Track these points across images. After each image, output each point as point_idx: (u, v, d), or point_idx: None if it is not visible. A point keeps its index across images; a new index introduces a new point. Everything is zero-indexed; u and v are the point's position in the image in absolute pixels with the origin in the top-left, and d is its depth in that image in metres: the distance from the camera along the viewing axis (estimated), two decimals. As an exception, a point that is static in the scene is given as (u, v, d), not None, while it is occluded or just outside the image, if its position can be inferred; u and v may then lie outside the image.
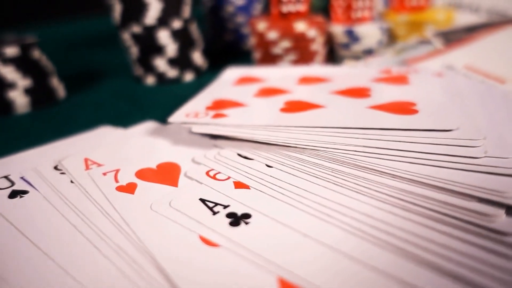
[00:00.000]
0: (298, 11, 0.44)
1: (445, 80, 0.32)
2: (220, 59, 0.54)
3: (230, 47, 0.56)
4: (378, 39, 0.46)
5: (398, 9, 0.49)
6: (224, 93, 0.34)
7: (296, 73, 0.37)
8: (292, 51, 0.43)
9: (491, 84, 0.31)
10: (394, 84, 0.32)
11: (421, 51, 0.39)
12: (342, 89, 0.32)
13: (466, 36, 0.39)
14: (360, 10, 0.47)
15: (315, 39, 0.44)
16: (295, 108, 0.29)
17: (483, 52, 0.35)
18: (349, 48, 0.47)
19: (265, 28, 0.43)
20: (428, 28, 0.41)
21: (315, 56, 0.45)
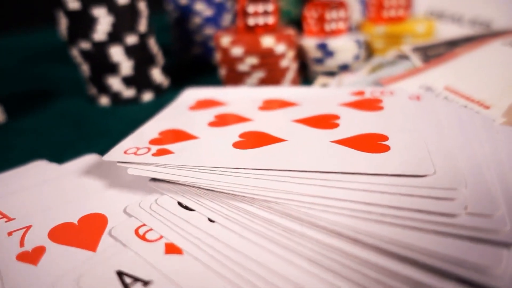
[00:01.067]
0: (266, 24, 0.41)
1: (422, 106, 0.28)
2: (186, 74, 0.50)
3: (198, 61, 0.52)
4: (354, 53, 0.43)
5: (375, 20, 0.46)
6: (176, 121, 0.30)
7: (261, 95, 0.34)
8: (260, 68, 0.39)
9: (474, 110, 0.27)
10: (366, 111, 0.28)
11: (399, 68, 0.36)
12: (307, 117, 0.28)
13: (446, 51, 0.36)
14: (334, 22, 0.43)
15: (285, 55, 0.40)
16: (250, 143, 0.25)
17: (465, 71, 0.32)
18: (322, 63, 0.43)
19: (229, 43, 0.39)
20: (405, 44, 0.38)
21: (286, 72, 0.41)
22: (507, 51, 0.33)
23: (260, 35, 0.39)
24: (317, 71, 0.44)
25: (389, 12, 0.45)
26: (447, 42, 0.37)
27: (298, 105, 0.31)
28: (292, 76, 0.42)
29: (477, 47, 0.34)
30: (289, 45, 0.40)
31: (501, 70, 0.31)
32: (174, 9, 0.50)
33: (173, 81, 0.47)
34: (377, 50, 0.46)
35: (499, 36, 0.35)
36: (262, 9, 0.40)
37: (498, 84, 0.29)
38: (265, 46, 0.39)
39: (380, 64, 0.41)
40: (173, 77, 0.48)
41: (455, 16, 0.50)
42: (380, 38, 0.45)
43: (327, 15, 0.43)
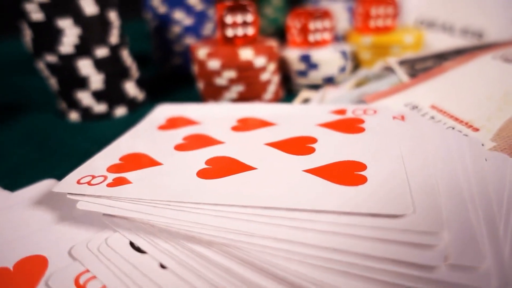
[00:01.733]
0: (246, 35, 0.38)
1: (407, 127, 0.26)
2: (166, 86, 0.47)
3: (179, 72, 0.50)
4: (339, 66, 0.41)
5: (362, 30, 0.44)
6: (141, 144, 0.28)
7: (236, 113, 0.31)
8: (239, 81, 0.37)
9: (462, 132, 0.25)
10: (345, 133, 0.26)
11: (384, 82, 0.34)
12: (282, 140, 0.26)
13: (435, 65, 0.34)
14: (318, 32, 0.41)
15: (265, 68, 0.38)
16: (216, 171, 0.23)
17: (453, 88, 0.30)
18: (306, 75, 0.41)
19: (206, 56, 0.37)
20: (392, 56, 0.36)
21: (267, 86, 0.39)
22: (497, 66, 0.31)
23: (239, 47, 0.37)
24: (301, 84, 0.42)
25: (376, 21, 0.43)
26: (436, 55, 0.35)
27: (275, 125, 0.29)
28: (274, 89, 0.40)
29: (467, 61, 0.32)
30: (270, 58, 0.38)
31: (491, 87, 0.29)
32: (152, 17, 0.48)
33: (151, 94, 0.44)
34: (364, 61, 0.44)
35: (490, 49, 0.33)
36: (241, 20, 0.38)
37: (488, 103, 0.27)
38: (244, 59, 0.36)
39: (366, 77, 0.39)
40: (151, 90, 0.46)
41: (446, 25, 0.48)
42: (367, 49, 0.43)
43: (311, 25, 0.40)
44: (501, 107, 0.27)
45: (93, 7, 0.35)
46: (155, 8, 0.47)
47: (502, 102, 0.27)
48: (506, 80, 0.29)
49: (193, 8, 0.46)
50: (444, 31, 0.48)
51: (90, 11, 0.35)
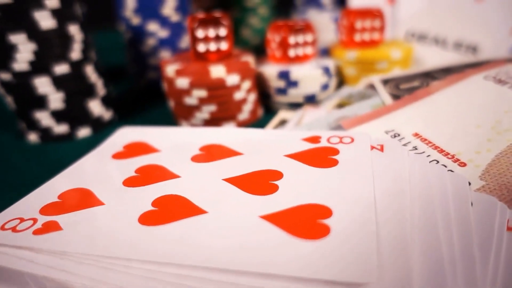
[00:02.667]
0: (219, 50, 0.36)
1: (385, 160, 0.23)
2: (139, 103, 0.45)
3: (154, 87, 0.47)
4: (321, 83, 0.38)
5: (346, 44, 0.41)
6: (88, 176, 0.25)
7: (202, 139, 0.28)
8: (210, 101, 0.34)
9: (447, 167, 0.22)
10: (315, 166, 0.23)
11: (366, 104, 0.31)
12: (244, 175, 0.23)
13: (421, 85, 0.31)
14: (299, 47, 0.38)
15: (239, 86, 0.35)
16: (162, 215, 0.20)
17: (438, 114, 0.27)
18: (286, 93, 0.38)
19: (174, 73, 0.34)
20: (376, 74, 0.33)
21: (242, 105, 0.36)
22: (490, 88, 0.28)
23: (210, 64, 0.34)
24: (281, 102, 0.39)
25: (362, 35, 0.40)
26: (423, 73, 0.32)
27: (240, 154, 0.26)
28: (250, 109, 0.37)
29: (456, 82, 0.29)
30: (245, 75, 0.35)
31: (481, 113, 0.26)
32: (126, 29, 0.45)
33: (122, 112, 0.42)
34: (349, 77, 0.41)
35: (483, 68, 0.31)
36: (213, 34, 0.35)
37: (477, 133, 0.24)
38: (215, 76, 0.34)
39: (349, 96, 0.36)
40: (123, 107, 0.43)
41: (439, 38, 0.46)
42: (351, 64, 0.40)
43: (291, 39, 0.38)
44: (491, 137, 0.24)
45: (50, 21, 0.32)
46: (128, 19, 0.44)
47: (493, 131, 0.24)
48: (498, 106, 0.26)
49: (168, 20, 0.44)
50: (437, 44, 0.45)
51: (47, 25, 0.32)
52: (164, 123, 0.39)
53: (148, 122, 0.39)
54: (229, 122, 0.36)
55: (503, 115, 0.25)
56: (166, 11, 0.43)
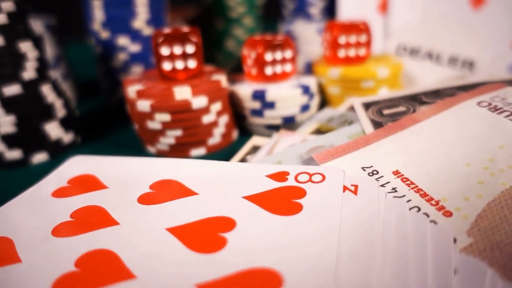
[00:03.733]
0: (187, 68, 0.32)
1: (358, 206, 0.20)
2: (107, 122, 0.41)
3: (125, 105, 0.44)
4: (301, 103, 0.35)
5: (330, 61, 0.38)
6: (16, 221, 0.21)
7: (156, 173, 0.25)
8: (175, 126, 0.31)
9: (429, 217, 0.19)
10: (276, 213, 0.20)
11: (345, 132, 0.27)
12: (192, 223, 0.20)
13: (407, 111, 0.27)
14: (278, 64, 0.35)
15: (208, 108, 0.32)
16: (84, 279, 0.17)
17: (423, 149, 0.23)
18: (262, 115, 0.35)
19: (135, 95, 0.31)
20: (354, 98, 0.30)
21: (212, 129, 0.33)
22: (484, 117, 0.24)
23: (175, 85, 0.31)
24: (257, 124, 0.36)
25: (346, 51, 0.37)
26: (410, 96, 0.29)
27: (194, 194, 0.22)
28: (222, 132, 0.34)
29: (445, 108, 0.26)
30: (214, 96, 0.32)
31: (473, 148, 0.22)
32: (95, 43, 0.42)
33: (87, 133, 0.39)
34: (333, 97, 0.38)
35: (477, 92, 0.27)
36: (179, 51, 0.32)
37: (467, 173, 0.21)
38: (179, 99, 0.30)
39: (330, 119, 0.32)
40: (90, 127, 0.40)
41: (433, 53, 0.42)
42: (335, 83, 0.37)
43: (267, 56, 0.34)
44: (483, 179, 0.20)
45: (-4, 38, 0.29)
46: (97, 32, 0.41)
47: (485, 172, 0.21)
48: (493, 139, 0.22)
49: (139, 33, 0.40)
50: (430, 59, 0.42)
51: (-8, 42, 0.29)
52: (130, 147, 0.36)
53: (113, 146, 0.36)
54: (198, 148, 0.33)
55: (497, 151, 0.22)
56: (137, 24, 0.40)
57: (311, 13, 0.54)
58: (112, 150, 0.35)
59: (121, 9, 0.39)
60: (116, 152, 0.35)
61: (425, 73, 0.41)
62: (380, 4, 0.50)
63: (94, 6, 0.39)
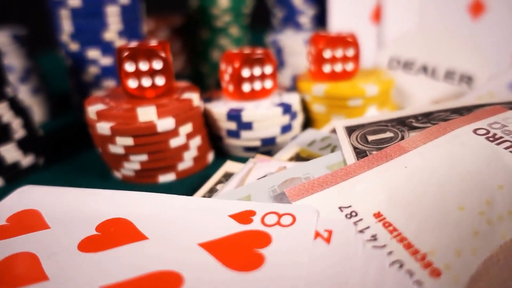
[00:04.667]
0: (155, 86, 0.29)
1: (330, 259, 0.17)
2: (77, 141, 0.38)
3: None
4: (281, 124, 0.32)
5: (315, 76, 0.35)
6: None
7: (108, 209, 0.22)
8: (139, 150, 0.28)
9: (413, 277, 0.16)
10: (232, 268, 0.17)
11: (323, 164, 0.24)
12: (132, 279, 0.17)
13: (395, 137, 0.24)
14: (257, 80, 0.32)
15: (177, 131, 0.29)
16: None
17: (409, 187, 0.20)
18: (239, 137, 0.32)
19: (95, 116, 0.28)
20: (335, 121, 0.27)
21: (182, 153, 0.30)
22: (480, 147, 0.21)
23: (138, 105, 0.28)
24: (235, 145, 0.33)
25: (332, 65, 0.34)
26: (399, 119, 0.26)
27: (143, 238, 0.19)
28: (194, 155, 0.31)
29: (438, 135, 0.23)
30: (184, 117, 0.29)
31: (467, 186, 0.19)
32: (65, 55, 0.39)
33: (53, 153, 0.36)
34: (318, 116, 0.35)
35: (474, 116, 0.24)
36: (146, 67, 0.29)
37: (459, 219, 0.18)
38: (143, 120, 0.27)
39: (312, 142, 0.29)
40: (56, 147, 0.37)
41: (428, 67, 0.39)
42: (320, 100, 0.34)
43: (244, 71, 0.31)
44: (479, 229, 0.17)
45: None
46: (65, 44, 0.38)
47: (481, 218, 0.17)
48: (490, 177, 0.19)
49: (111, 45, 0.38)
50: (425, 73, 0.39)
51: None
52: (96, 171, 0.33)
53: (78, 169, 0.33)
54: (167, 173, 0.30)
55: (496, 192, 0.19)
56: (109, 36, 0.37)
57: (301, 22, 0.51)
58: (76, 175, 0.32)
59: (90, 20, 0.36)
60: (80, 177, 0.32)
61: (419, 88, 0.38)
62: (373, 13, 0.47)
63: (62, 16, 0.37)
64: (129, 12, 0.38)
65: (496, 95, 0.32)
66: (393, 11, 0.46)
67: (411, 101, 0.38)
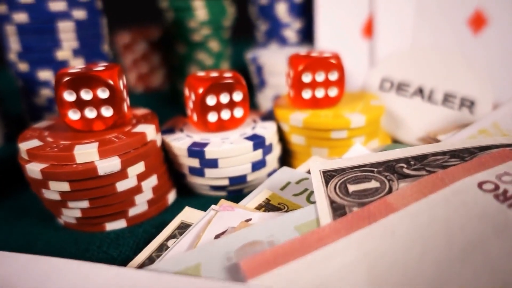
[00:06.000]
0: (102, 117, 0.25)
1: None
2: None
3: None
4: (253, 159, 0.27)
5: (294, 102, 0.30)
6: None
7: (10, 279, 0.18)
8: (78, 196, 0.24)
9: None
10: None
11: (293, 220, 0.20)
12: None
13: (381, 187, 0.20)
14: (225, 109, 0.27)
15: (125, 173, 0.24)
16: None
17: (396, 264, 0.16)
18: (203, 175, 0.27)
19: (26, 155, 0.24)
20: (310, 161, 0.22)
21: (134, 196, 0.25)
22: (486, 209, 0.17)
23: (78, 143, 0.24)
24: (200, 184, 0.28)
25: (314, 91, 0.29)
26: (388, 163, 0.21)
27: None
28: (149, 198, 0.26)
29: (433, 190, 0.18)
30: (135, 154, 0.24)
31: (468, 266, 0.15)
32: (15, 76, 0.35)
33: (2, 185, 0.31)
34: (297, 148, 0.30)
35: (478, 164, 0.19)
36: (89, 96, 0.24)
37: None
38: (82, 161, 0.23)
39: (286, 184, 0.25)
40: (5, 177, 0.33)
41: (425, 89, 0.35)
42: (299, 131, 0.29)
43: (209, 99, 0.27)
44: None
45: None
46: (14, 64, 0.34)
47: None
48: (502, 252, 0.15)
49: (65, 65, 0.33)
50: (422, 96, 0.34)
51: None
52: (39, 214, 0.28)
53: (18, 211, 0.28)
54: (116, 220, 0.25)
55: (509, 275, 0.14)
56: (62, 55, 0.33)
57: (286, 36, 0.47)
58: (15, 218, 0.28)
59: (40, 37, 0.32)
60: (18, 221, 0.27)
61: (414, 113, 0.34)
62: (365, 26, 0.43)
63: (7, 32, 0.32)
64: (86, 28, 0.34)
65: (503, 127, 0.27)
66: (386, 24, 0.42)
67: (406, 128, 0.33)
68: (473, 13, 0.41)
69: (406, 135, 0.33)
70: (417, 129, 0.33)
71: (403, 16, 0.41)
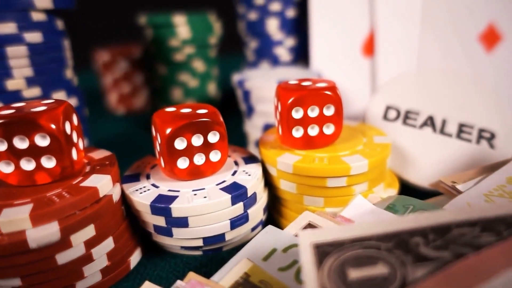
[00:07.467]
0: (43, 168, 0.20)
1: None
2: None
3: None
4: (231, 215, 0.22)
5: (283, 141, 0.25)
6: None
7: None
8: (7, 273, 0.19)
9: None
10: None
11: None
12: None
13: (388, 277, 0.15)
14: (199, 153, 0.23)
15: (67, 241, 0.19)
16: None
17: None
18: (171, 235, 0.22)
19: None
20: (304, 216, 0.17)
21: (83, 267, 0.20)
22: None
23: (8, 205, 0.19)
24: (169, 245, 0.23)
25: (306, 128, 0.24)
26: (399, 237, 0.17)
27: None
28: (103, 266, 0.21)
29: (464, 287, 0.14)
30: (81, 217, 0.19)
31: None
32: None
33: None
34: (287, 196, 0.25)
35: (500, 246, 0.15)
36: (24, 145, 0.20)
37: None
38: (8, 231, 0.18)
39: (270, 253, 0.20)
40: None
41: (436, 119, 0.30)
42: (289, 177, 0.24)
43: (177, 143, 0.22)
44: None
45: None
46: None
47: None
48: None
49: (18, 96, 0.29)
50: (433, 128, 0.30)
51: None
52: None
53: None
54: (59, 297, 0.20)
55: None
56: (13, 84, 0.28)
57: (278, 55, 0.42)
58: None
59: (-14, 65, 0.27)
60: None
61: (425, 148, 0.29)
62: (365, 44, 0.38)
63: None
64: (43, 52, 0.29)
65: (537, 173, 0.22)
66: (389, 41, 0.37)
67: (415, 167, 0.29)
68: (486, 28, 0.36)
69: (416, 176, 0.28)
70: (429, 168, 0.29)
71: (407, 32, 0.36)
